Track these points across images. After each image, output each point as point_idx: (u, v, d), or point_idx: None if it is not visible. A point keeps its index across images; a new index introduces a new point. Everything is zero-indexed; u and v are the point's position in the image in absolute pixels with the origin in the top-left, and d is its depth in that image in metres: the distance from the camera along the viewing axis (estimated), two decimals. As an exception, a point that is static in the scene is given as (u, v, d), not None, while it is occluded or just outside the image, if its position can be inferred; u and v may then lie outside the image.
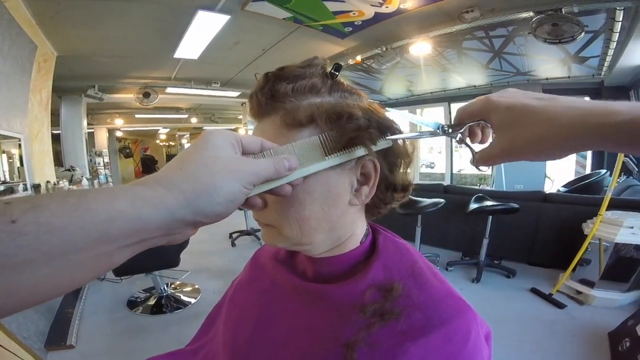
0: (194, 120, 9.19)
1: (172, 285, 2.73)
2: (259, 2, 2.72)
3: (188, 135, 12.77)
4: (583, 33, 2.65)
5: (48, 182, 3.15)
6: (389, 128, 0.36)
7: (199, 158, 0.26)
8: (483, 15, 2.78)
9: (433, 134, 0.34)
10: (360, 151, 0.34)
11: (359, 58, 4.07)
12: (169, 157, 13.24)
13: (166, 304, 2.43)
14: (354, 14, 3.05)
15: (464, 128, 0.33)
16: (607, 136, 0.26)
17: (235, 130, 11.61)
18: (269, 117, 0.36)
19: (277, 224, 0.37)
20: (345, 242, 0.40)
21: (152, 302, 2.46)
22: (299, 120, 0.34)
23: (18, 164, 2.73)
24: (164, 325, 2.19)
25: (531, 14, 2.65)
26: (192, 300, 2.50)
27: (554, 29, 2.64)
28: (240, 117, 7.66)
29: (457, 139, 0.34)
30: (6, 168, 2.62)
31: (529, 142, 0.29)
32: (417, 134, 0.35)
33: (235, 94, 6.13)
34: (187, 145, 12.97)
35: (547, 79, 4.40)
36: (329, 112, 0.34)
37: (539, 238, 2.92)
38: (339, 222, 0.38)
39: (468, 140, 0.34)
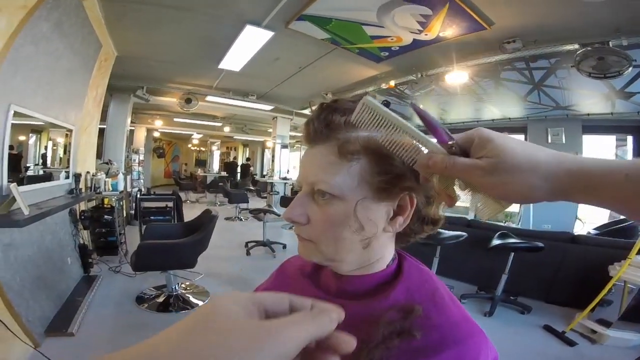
0: (226, 129, 9.58)
1: (183, 286, 2.75)
2: (302, 22, 2.85)
3: (219, 142, 13.26)
4: (631, 68, 2.49)
5: (88, 172, 3.36)
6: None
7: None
8: (525, 46, 2.71)
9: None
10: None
11: (392, 83, 4.09)
12: (198, 161, 13.72)
13: (174, 303, 2.44)
14: (392, 39, 3.10)
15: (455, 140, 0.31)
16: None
17: (264, 143, 11.43)
18: (323, 145, 0.39)
19: (317, 239, 0.40)
20: (373, 263, 0.42)
21: (160, 299, 2.48)
22: (352, 151, 0.37)
23: (61, 153, 2.86)
24: (167, 324, 2.08)
25: (576, 46, 2.54)
26: (200, 303, 2.50)
27: (600, 63, 2.49)
28: (270, 130, 7.85)
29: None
30: (50, 154, 2.72)
31: (517, 190, 0.29)
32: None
33: (269, 107, 6.36)
34: (216, 153, 13.45)
35: (588, 114, 4.15)
36: (377, 150, 0.37)
37: (560, 277, 2.82)
38: (371, 245, 0.41)
39: (466, 194, 0.33)
